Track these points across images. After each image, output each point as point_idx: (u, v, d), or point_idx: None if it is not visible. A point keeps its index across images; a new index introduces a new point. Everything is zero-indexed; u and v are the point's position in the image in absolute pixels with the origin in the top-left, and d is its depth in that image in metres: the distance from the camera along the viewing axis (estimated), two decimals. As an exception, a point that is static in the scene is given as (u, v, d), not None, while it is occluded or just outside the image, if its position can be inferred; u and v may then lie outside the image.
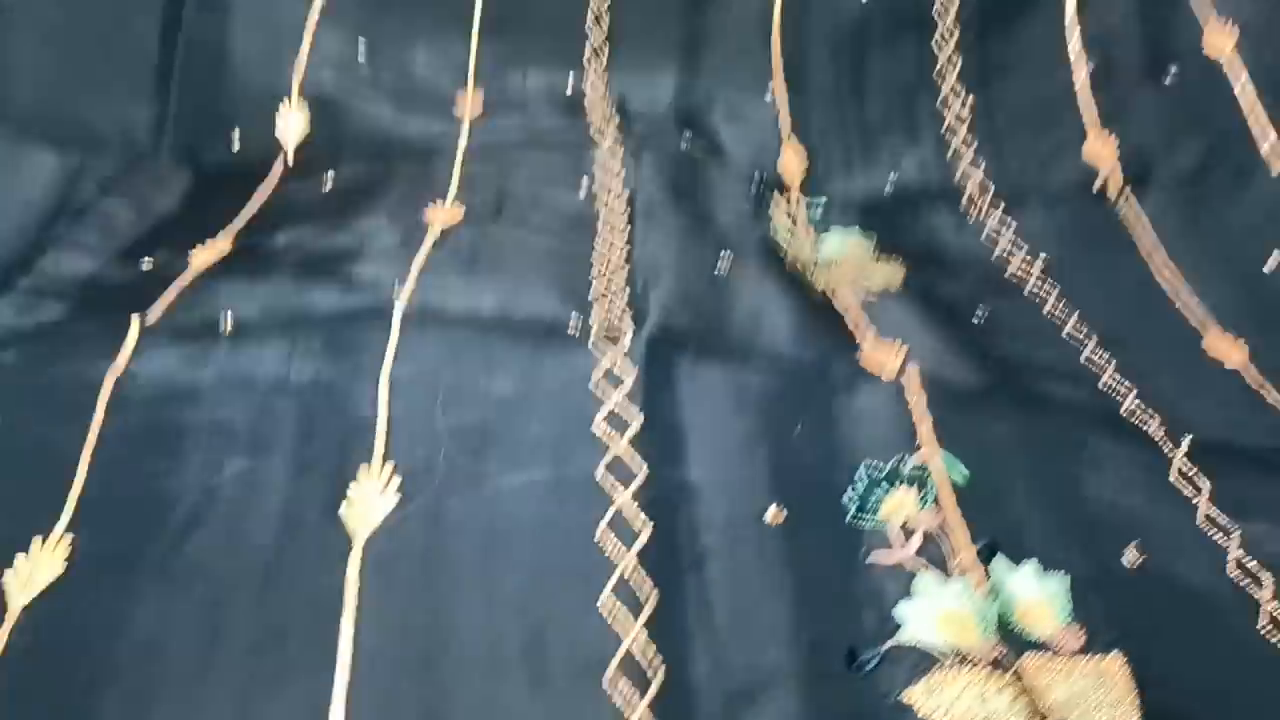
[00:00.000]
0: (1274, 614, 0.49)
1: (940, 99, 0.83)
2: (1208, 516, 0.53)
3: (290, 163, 0.76)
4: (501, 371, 0.53)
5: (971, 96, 0.82)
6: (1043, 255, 0.72)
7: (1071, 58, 0.84)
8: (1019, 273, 0.71)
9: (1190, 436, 0.56)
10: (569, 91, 0.84)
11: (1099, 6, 0.85)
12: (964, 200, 0.78)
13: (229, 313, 0.56)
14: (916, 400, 0.55)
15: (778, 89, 0.84)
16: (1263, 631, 0.48)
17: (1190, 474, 0.55)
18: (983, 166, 0.80)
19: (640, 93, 0.84)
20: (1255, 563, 0.51)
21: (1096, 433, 0.56)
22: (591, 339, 0.55)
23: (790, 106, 0.83)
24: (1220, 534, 0.52)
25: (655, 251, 0.64)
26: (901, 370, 0.57)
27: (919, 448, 0.53)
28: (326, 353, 0.54)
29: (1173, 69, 0.81)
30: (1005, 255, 0.73)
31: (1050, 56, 0.83)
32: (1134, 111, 0.80)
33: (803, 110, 0.83)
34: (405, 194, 0.68)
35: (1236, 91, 0.78)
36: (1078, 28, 0.85)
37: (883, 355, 0.58)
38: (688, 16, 0.85)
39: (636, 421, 0.51)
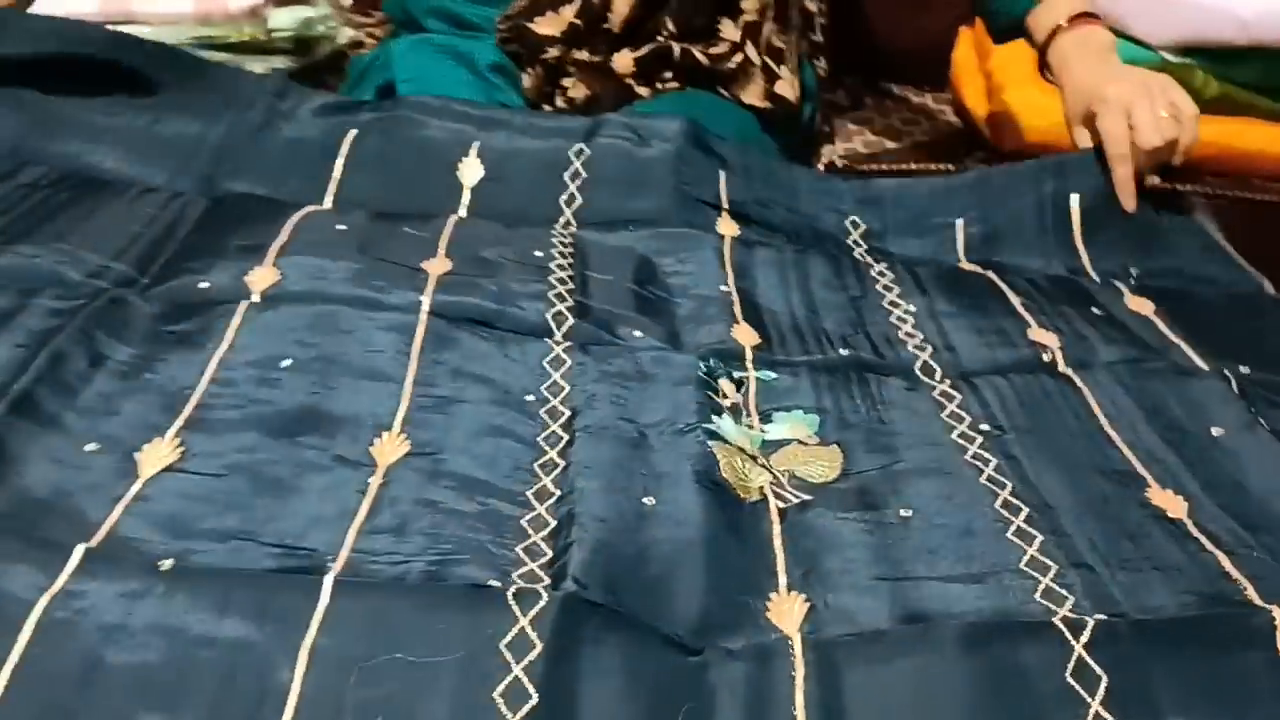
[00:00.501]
0: None
1: (886, 302, 0.89)
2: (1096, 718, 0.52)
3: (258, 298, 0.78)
4: (420, 639, 0.52)
5: (911, 304, 0.88)
6: (983, 427, 0.73)
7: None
8: (961, 438, 0.72)
9: (1095, 620, 0.55)
10: (538, 253, 0.87)
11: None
12: (917, 371, 0.80)
13: (170, 560, 0.56)
14: (799, 672, 0.54)
15: (731, 281, 0.88)
16: None
17: (1089, 666, 0.53)
18: (929, 350, 0.82)
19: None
20: None
21: (996, 643, 0.55)
22: (510, 597, 0.54)
23: (740, 297, 0.86)
24: None
25: (585, 489, 0.64)
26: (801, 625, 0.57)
27: None
28: (256, 613, 0.53)
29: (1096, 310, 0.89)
30: (951, 419, 0.74)
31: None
32: (1068, 326, 0.86)
33: (753, 302, 0.86)
34: (357, 417, 0.68)
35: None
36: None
37: (787, 610, 0.58)
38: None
39: (532, 702, 0.51)
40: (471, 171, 0.98)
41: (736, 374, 0.77)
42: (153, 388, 0.69)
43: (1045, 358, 0.82)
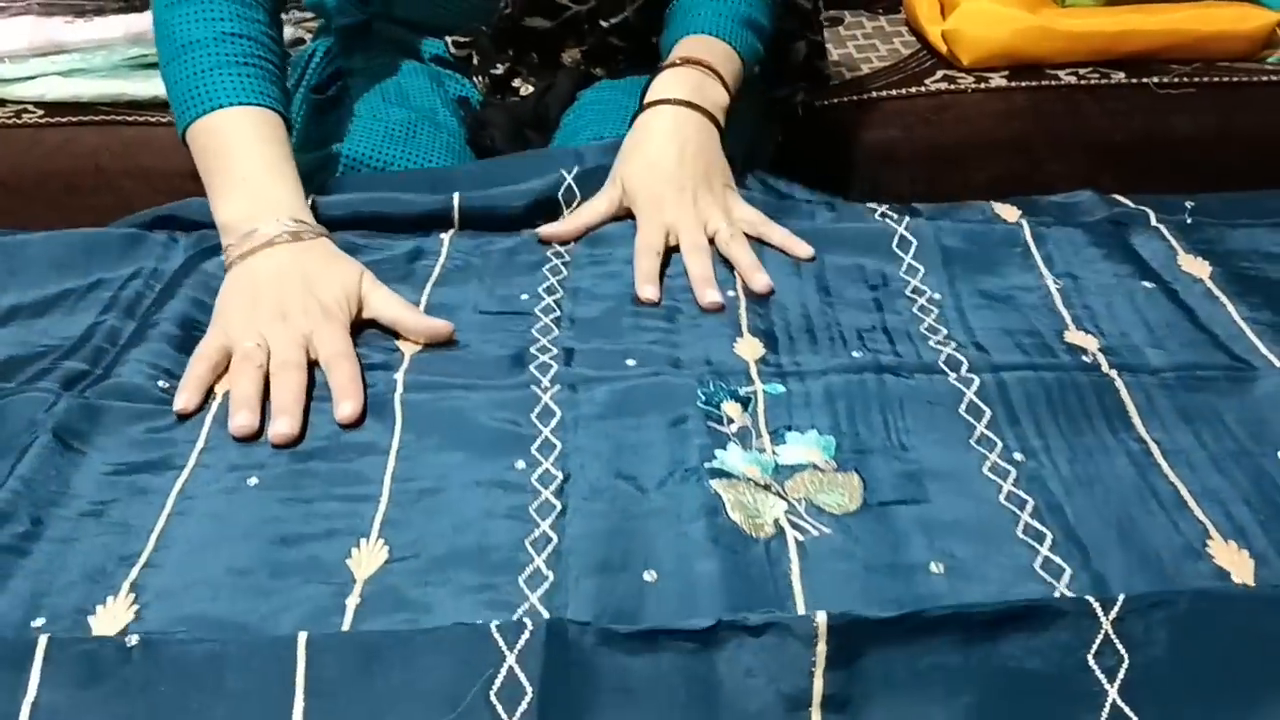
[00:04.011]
0: None
1: (909, 289, 0.85)
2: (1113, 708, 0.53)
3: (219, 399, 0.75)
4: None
5: (936, 293, 0.85)
6: (1017, 457, 0.69)
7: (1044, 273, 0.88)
8: (993, 472, 0.68)
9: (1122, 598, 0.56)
10: (524, 296, 0.85)
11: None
12: (940, 370, 0.76)
13: (136, 636, 0.56)
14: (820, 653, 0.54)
15: (739, 282, 0.86)
16: None
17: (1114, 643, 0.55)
18: (953, 346, 0.78)
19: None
20: None
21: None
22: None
23: (746, 296, 0.84)
24: None
25: (580, 575, 0.60)
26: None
27: None
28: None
29: (1146, 284, 0.85)
30: (981, 446, 0.70)
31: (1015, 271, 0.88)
32: (1110, 320, 0.81)
33: (762, 304, 0.84)
34: (331, 531, 0.65)
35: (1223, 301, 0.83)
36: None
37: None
38: None
39: None
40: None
41: (743, 390, 0.74)
42: (105, 534, 0.65)
43: (1086, 359, 0.77)
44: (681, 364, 0.77)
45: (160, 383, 0.76)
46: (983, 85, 1.46)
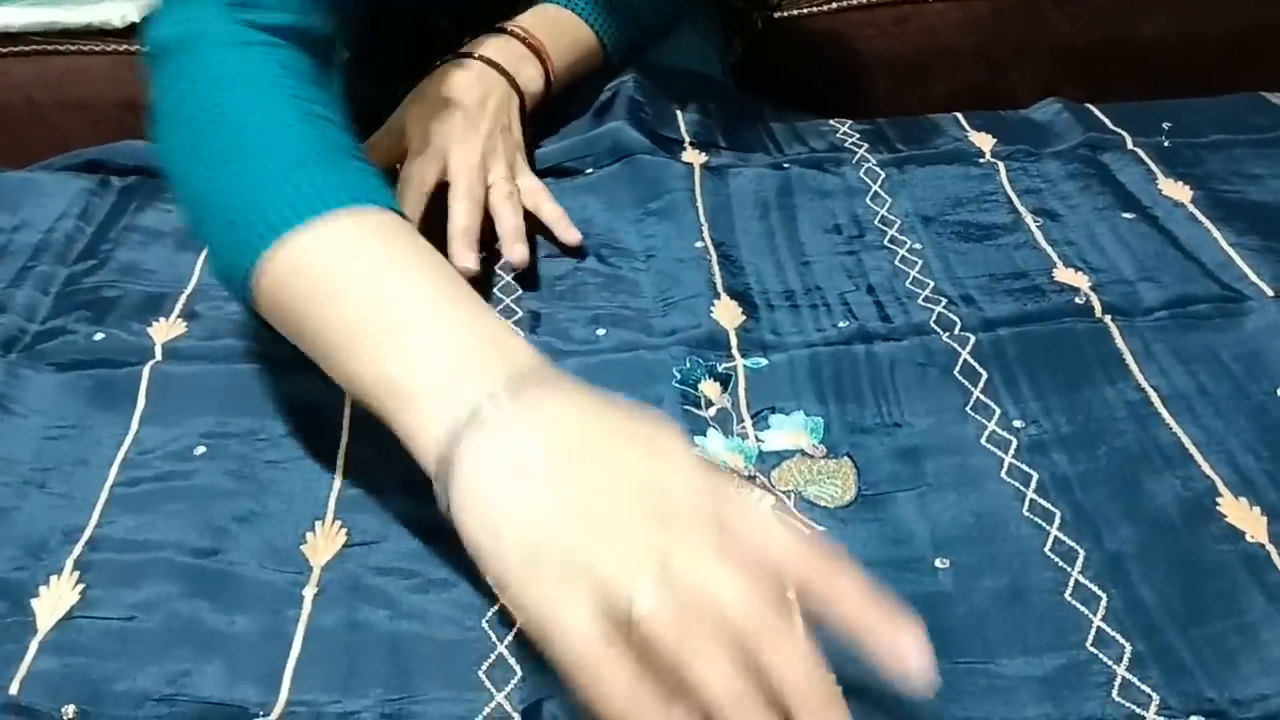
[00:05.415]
0: None
1: (887, 239, 0.82)
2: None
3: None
4: None
5: (915, 241, 0.81)
6: (1016, 424, 0.65)
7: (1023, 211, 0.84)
8: (992, 443, 0.64)
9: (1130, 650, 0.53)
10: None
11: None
12: (931, 330, 0.72)
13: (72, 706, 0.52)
14: None
15: (706, 233, 0.81)
16: None
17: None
18: (942, 303, 0.75)
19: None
20: None
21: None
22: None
23: (717, 253, 0.79)
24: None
25: None
26: None
27: None
28: None
29: (1128, 215, 0.82)
30: (978, 413, 0.66)
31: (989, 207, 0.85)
32: (1098, 255, 0.78)
33: (734, 260, 0.79)
34: (286, 511, 0.63)
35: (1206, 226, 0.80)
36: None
37: None
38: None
39: None
40: None
41: (722, 366, 0.69)
42: (47, 505, 0.62)
43: (1078, 301, 0.74)
44: (654, 332, 0.73)
45: (97, 336, 0.74)
46: (943, -7, 1.42)
